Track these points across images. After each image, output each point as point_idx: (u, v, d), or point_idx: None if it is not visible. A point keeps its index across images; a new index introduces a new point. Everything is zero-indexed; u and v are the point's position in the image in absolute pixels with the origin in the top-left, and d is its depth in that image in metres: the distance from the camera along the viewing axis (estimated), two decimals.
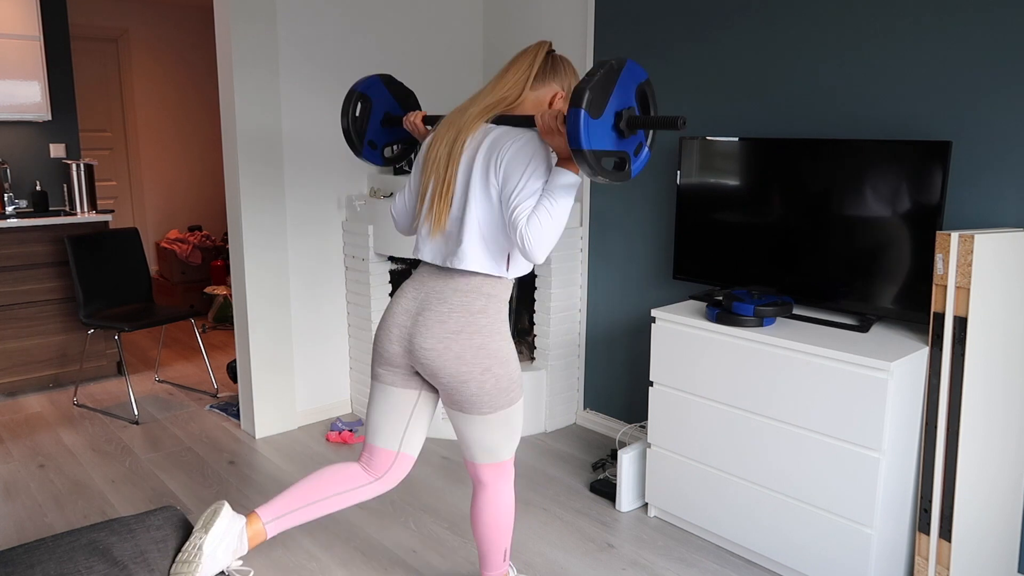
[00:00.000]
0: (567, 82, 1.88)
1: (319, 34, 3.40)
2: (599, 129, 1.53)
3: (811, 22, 2.61)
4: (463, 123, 1.82)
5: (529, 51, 1.86)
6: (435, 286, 1.85)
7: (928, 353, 2.14)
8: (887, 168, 2.27)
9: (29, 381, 4.06)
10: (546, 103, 1.86)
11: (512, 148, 1.73)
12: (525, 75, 1.83)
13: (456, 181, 1.81)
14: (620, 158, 1.59)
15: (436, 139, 1.85)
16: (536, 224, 1.64)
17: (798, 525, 2.30)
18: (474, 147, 1.80)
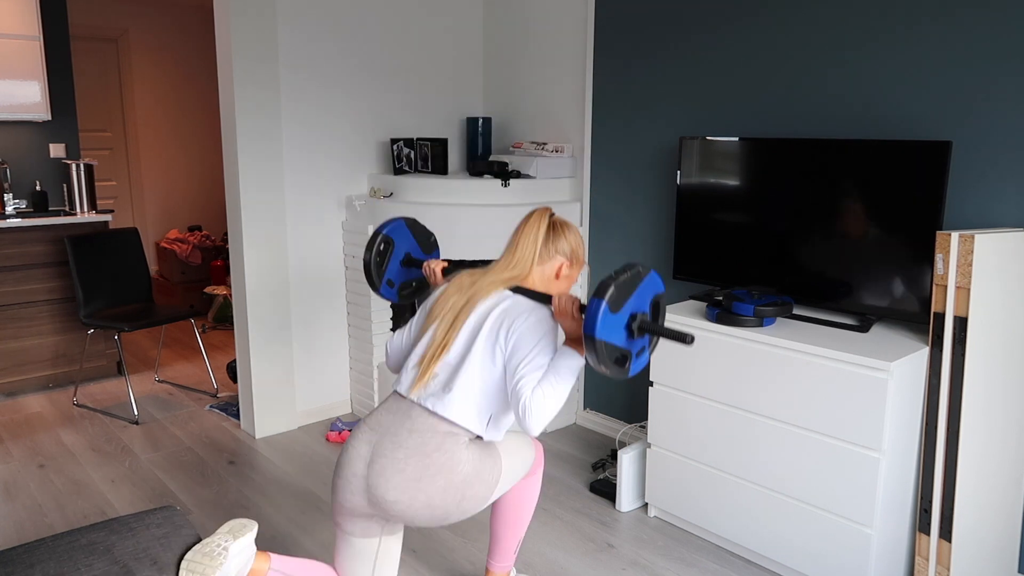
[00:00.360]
0: (570, 247, 1.94)
1: (319, 34, 3.40)
2: (613, 323, 1.62)
3: (811, 22, 2.61)
4: (480, 286, 1.87)
5: (531, 223, 1.91)
6: (391, 425, 1.80)
7: (928, 353, 2.14)
8: (887, 168, 2.27)
9: (29, 381, 4.06)
10: (553, 276, 1.93)
11: (527, 321, 1.77)
12: (531, 252, 1.90)
13: (461, 332, 1.84)
14: (623, 355, 1.67)
15: (449, 290, 1.90)
16: (540, 397, 1.69)
17: (798, 525, 2.30)
18: (486, 309, 1.84)
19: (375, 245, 2.15)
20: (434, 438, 1.77)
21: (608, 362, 1.63)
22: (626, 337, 1.66)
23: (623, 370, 1.68)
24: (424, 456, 1.75)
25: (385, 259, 2.17)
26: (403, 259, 2.22)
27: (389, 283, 2.20)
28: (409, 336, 2.01)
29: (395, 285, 2.23)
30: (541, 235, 1.90)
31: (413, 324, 2.01)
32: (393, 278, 2.21)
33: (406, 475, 1.74)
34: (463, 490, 1.77)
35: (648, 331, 1.68)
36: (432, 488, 1.74)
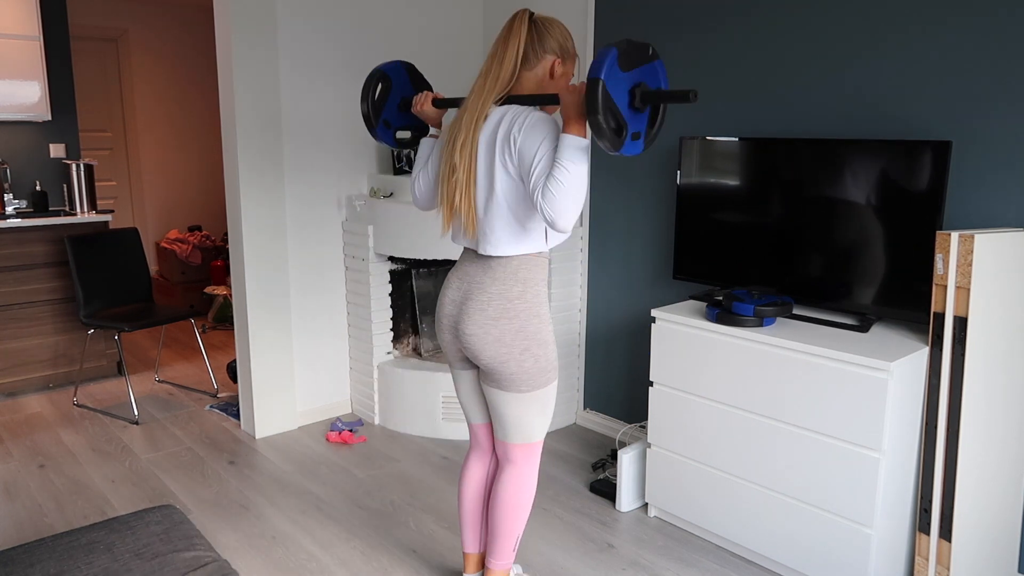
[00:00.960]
0: (558, 43, 1.89)
1: (319, 34, 3.40)
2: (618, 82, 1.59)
3: (812, 23, 2.61)
4: (473, 121, 1.86)
5: (513, 28, 1.86)
6: (475, 276, 1.94)
7: (928, 353, 2.14)
8: (887, 168, 2.27)
9: (29, 381, 4.06)
10: (546, 76, 1.89)
11: (525, 126, 1.78)
12: (514, 56, 1.85)
13: (479, 176, 1.87)
14: (619, 124, 1.63)
15: (453, 142, 1.89)
16: (550, 195, 1.68)
17: (798, 525, 2.30)
18: (490, 135, 1.85)
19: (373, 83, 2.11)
20: (515, 285, 1.89)
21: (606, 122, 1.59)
22: (627, 103, 1.63)
23: (619, 140, 1.64)
24: (506, 300, 1.88)
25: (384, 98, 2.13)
26: (400, 103, 2.17)
27: (386, 123, 2.16)
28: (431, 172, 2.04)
29: (391, 127, 2.18)
30: (523, 38, 1.85)
31: (431, 162, 2.03)
32: (390, 119, 2.17)
33: (487, 314, 1.89)
34: (530, 341, 1.89)
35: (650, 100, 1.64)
36: (507, 327, 1.88)
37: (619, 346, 3.43)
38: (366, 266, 3.51)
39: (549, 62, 1.88)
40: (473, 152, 1.86)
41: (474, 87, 1.89)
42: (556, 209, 1.68)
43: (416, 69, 2.20)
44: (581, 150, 1.68)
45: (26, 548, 1.64)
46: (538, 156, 1.74)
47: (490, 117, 1.87)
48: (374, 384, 3.60)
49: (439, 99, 2.07)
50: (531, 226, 1.86)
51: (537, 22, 1.87)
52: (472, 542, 2.22)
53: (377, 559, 2.48)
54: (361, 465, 3.19)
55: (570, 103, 1.72)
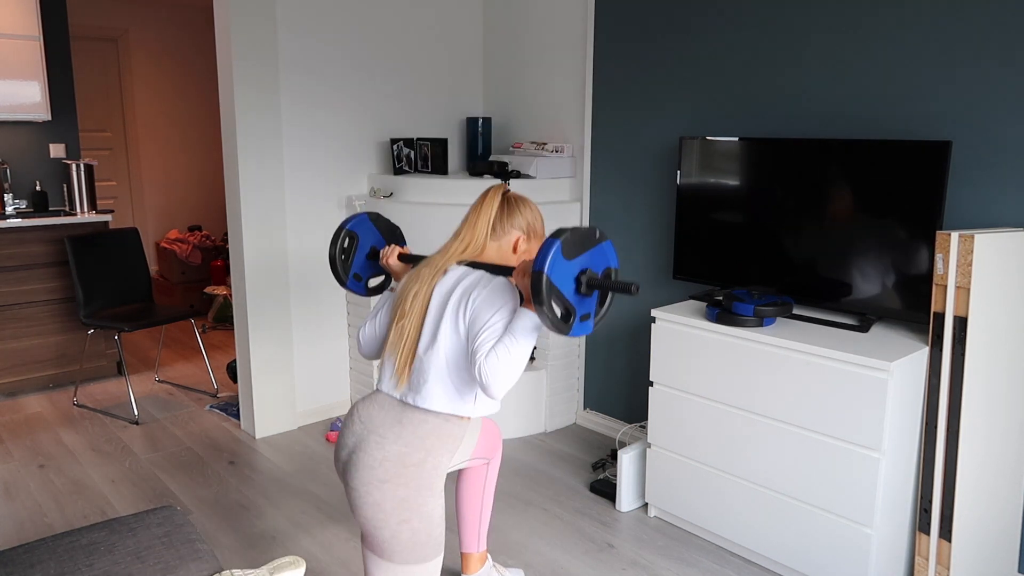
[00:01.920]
0: (526, 222, 1.93)
1: (319, 34, 3.40)
2: (563, 271, 1.63)
3: (812, 23, 2.61)
4: (438, 268, 1.87)
5: (487, 199, 1.90)
6: (382, 421, 1.82)
7: (928, 353, 2.14)
8: (887, 168, 2.27)
9: (29, 381, 4.06)
10: (509, 250, 1.92)
11: (485, 290, 1.77)
12: (485, 228, 1.89)
13: (427, 322, 1.84)
14: (567, 310, 1.67)
15: (407, 290, 1.88)
16: (494, 359, 1.67)
17: (798, 525, 2.30)
18: (447, 289, 1.84)
19: (339, 241, 2.15)
20: (418, 451, 1.77)
21: (552, 311, 1.62)
22: (574, 290, 1.67)
23: (566, 326, 1.67)
24: (402, 466, 1.76)
25: (350, 254, 2.18)
26: (368, 253, 2.22)
27: (356, 277, 2.21)
28: (379, 326, 2.00)
29: (362, 279, 2.23)
30: (494, 210, 1.89)
31: (381, 314, 2.01)
32: (360, 272, 2.22)
33: (375, 473, 1.76)
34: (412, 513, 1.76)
35: (596, 287, 1.68)
36: (391, 494, 1.75)
37: (619, 346, 3.44)
38: None
39: (514, 237, 1.91)
40: (425, 303, 1.84)
41: (443, 247, 1.92)
42: (495, 374, 1.66)
43: (382, 217, 2.24)
44: (532, 330, 1.70)
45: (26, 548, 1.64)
46: (491, 322, 1.72)
47: (449, 274, 1.86)
48: (374, 384, 3.60)
49: (405, 255, 2.11)
50: (462, 388, 1.81)
51: (510, 198, 1.92)
52: (470, 542, 2.23)
53: None
54: None
55: (522, 286, 1.74)
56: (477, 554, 2.25)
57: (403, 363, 1.83)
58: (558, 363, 3.52)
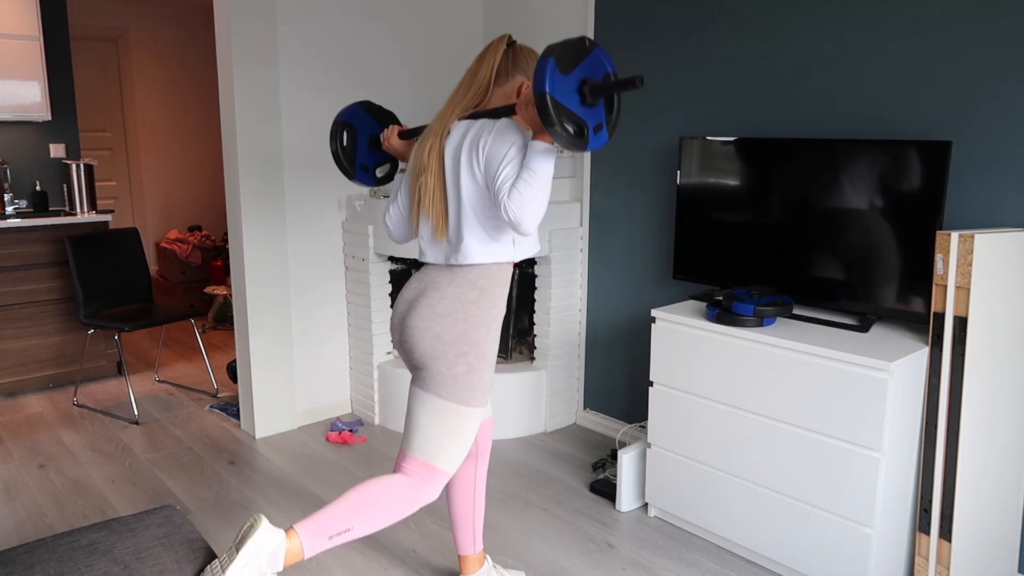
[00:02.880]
0: (530, 69, 1.91)
1: (319, 33, 3.40)
2: (564, 86, 1.61)
3: (812, 22, 2.61)
4: (442, 128, 1.89)
5: (491, 48, 1.90)
6: (435, 278, 1.91)
7: (928, 353, 2.14)
8: (887, 168, 2.27)
9: (29, 381, 4.06)
10: (513, 95, 1.91)
11: (492, 134, 1.79)
12: (488, 72, 1.89)
13: (447, 183, 1.87)
14: (579, 125, 1.65)
15: (420, 148, 1.91)
16: (517, 195, 1.69)
17: (798, 525, 2.30)
18: (456, 144, 1.86)
19: (337, 135, 2.12)
20: (472, 290, 1.86)
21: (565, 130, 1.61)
22: (579, 102, 1.65)
23: (582, 141, 1.66)
24: (459, 302, 1.85)
25: (352, 146, 2.14)
26: (369, 142, 2.18)
27: (363, 167, 2.17)
28: (402, 203, 2.02)
29: (369, 168, 2.20)
30: (499, 57, 1.89)
31: (400, 194, 2.02)
32: (365, 162, 2.18)
33: (435, 309, 1.86)
34: (470, 348, 1.84)
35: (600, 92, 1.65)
36: (451, 327, 1.84)
37: (619, 346, 3.44)
38: (366, 266, 3.51)
39: (518, 82, 1.91)
40: (440, 156, 1.86)
41: (447, 101, 1.93)
42: (521, 209, 1.69)
43: (375, 104, 2.21)
44: (546, 153, 1.71)
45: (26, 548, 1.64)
46: (505, 160, 1.74)
47: (455, 130, 1.88)
48: (374, 384, 3.60)
49: (405, 131, 2.09)
50: (497, 234, 1.85)
51: (515, 46, 1.92)
52: (466, 544, 2.23)
53: (377, 559, 2.48)
54: (361, 465, 3.19)
55: (528, 118, 1.74)
56: (474, 555, 2.25)
57: (438, 219, 1.87)
58: (558, 363, 3.52)
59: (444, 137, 1.88)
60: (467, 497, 2.19)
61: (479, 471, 2.20)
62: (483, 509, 2.24)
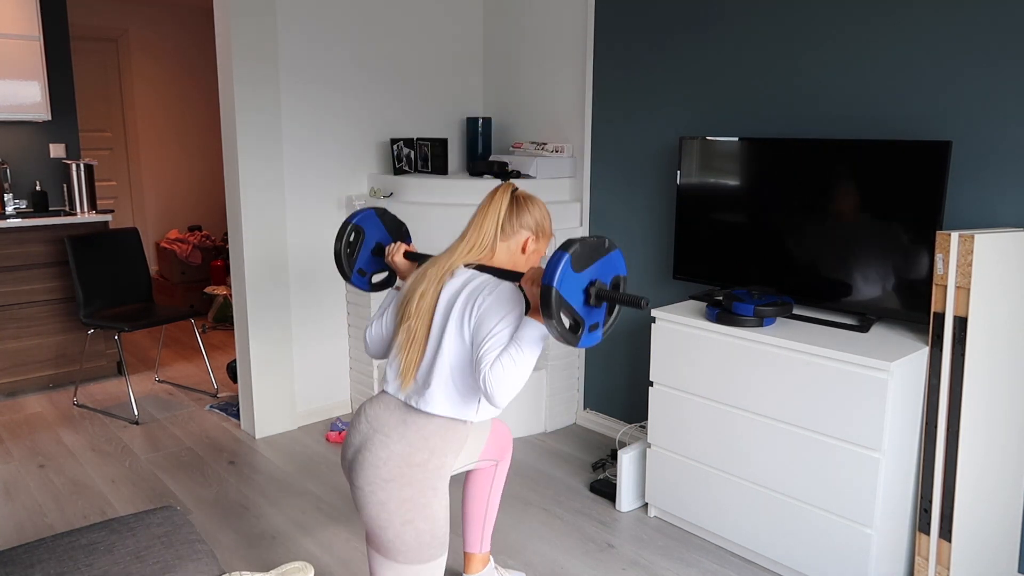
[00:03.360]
0: (535, 221, 1.91)
1: (319, 33, 3.40)
2: (572, 283, 1.63)
3: (811, 22, 2.61)
4: (445, 269, 1.85)
5: (495, 199, 1.88)
6: (385, 423, 1.82)
7: (928, 353, 2.14)
8: (887, 168, 2.27)
9: (29, 381, 4.05)
10: (519, 250, 1.90)
11: (491, 296, 1.76)
12: (493, 226, 1.87)
13: (433, 326, 1.82)
14: (576, 321, 1.66)
15: (414, 290, 1.86)
16: (499, 369, 1.66)
17: (798, 525, 2.30)
18: (452, 292, 1.82)
19: (345, 235, 2.14)
20: (422, 451, 1.76)
21: (560, 323, 1.61)
22: (583, 302, 1.66)
23: (575, 337, 1.67)
24: (406, 466, 1.76)
25: (355, 249, 2.16)
26: (374, 248, 2.20)
27: (360, 272, 2.19)
28: (386, 325, 1.99)
29: (366, 274, 2.21)
30: (503, 210, 1.87)
31: (388, 313, 1.99)
32: (364, 267, 2.20)
33: (379, 472, 1.76)
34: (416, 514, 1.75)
35: (605, 299, 1.68)
36: (395, 494, 1.74)
37: (619, 346, 3.43)
38: None
39: (523, 237, 1.89)
40: (432, 304, 1.82)
41: (449, 247, 1.90)
42: (500, 384, 1.66)
43: (389, 213, 2.23)
44: (538, 340, 1.69)
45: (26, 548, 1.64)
46: (496, 330, 1.71)
47: (457, 277, 1.84)
48: (374, 384, 3.60)
49: (411, 252, 2.09)
50: (467, 394, 1.80)
51: (518, 197, 1.90)
52: (474, 541, 2.23)
53: None
54: None
55: (530, 295, 1.73)
56: (480, 555, 2.25)
57: (408, 365, 1.82)
58: (558, 363, 3.52)
59: (440, 283, 1.83)
60: (482, 495, 2.19)
61: (499, 471, 2.20)
62: (496, 510, 2.23)
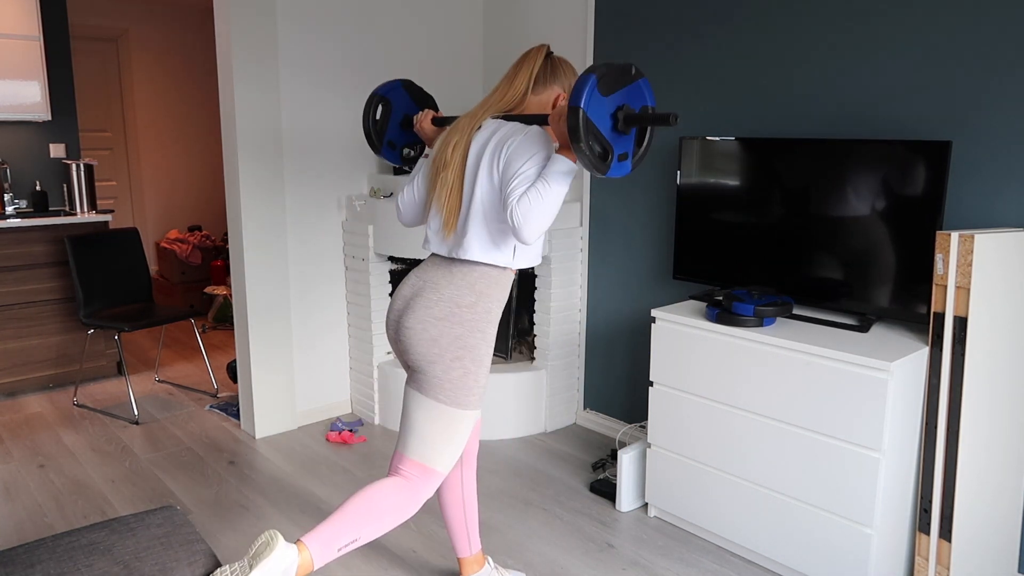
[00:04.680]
0: (567, 82, 1.94)
1: (319, 34, 3.40)
2: (599, 107, 1.61)
3: (811, 22, 2.61)
4: (471, 126, 1.89)
5: (530, 55, 1.92)
6: (434, 276, 1.92)
7: (928, 353, 2.14)
8: (887, 168, 2.27)
9: (29, 381, 4.06)
10: (549, 105, 1.93)
11: (518, 139, 1.80)
12: (526, 80, 1.90)
13: (465, 178, 1.89)
14: (604, 148, 1.65)
15: (447, 141, 1.91)
16: (526, 203, 1.69)
17: (798, 525, 2.30)
18: (482, 142, 1.88)
19: (372, 107, 2.12)
20: (470, 294, 1.87)
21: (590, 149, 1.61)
22: (611, 127, 1.65)
23: (605, 165, 1.67)
24: (455, 306, 1.86)
25: (384, 121, 2.14)
26: (402, 120, 2.18)
27: (390, 144, 2.17)
28: (417, 190, 2.03)
29: (396, 147, 2.20)
30: (538, 65, 1.90)
31: (419, 177, 2.03)
32: (394, 139, 2.19)
33: (431, 312, 1.87)
34: (465, 352, 1.85)
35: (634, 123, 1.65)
36: (447, 331, 1.85)
37: (619, 346, 3.44)
38: (366, 266, 3.51)
39: (554, 93, 1.93)
40: (464, 153, 1.88)
41: (481, 101, 1.94)
42: (526, 216, 1.69)
43: (415, 85, 2.21)
44: (565, 173, 1.71)
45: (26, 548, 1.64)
46: (524, 168, 1.74)
47: (486, 127, 1.90)
48: (374, 384, 3.60)
49: (438, 118, 2.09)
50: (500, 239, 1.86)
51: (553, 57, 1.94)
52: (462, 546, 2.23)
53: (377, 559, 2.48)
54: (361, 465, 3.19)
55: (558, 132, 1.74)
56: (471, 557, 2.24)
57: (449, 214, 1.88)
58: (558, 363, 3.52)
59: (471, 133, 1.89)
60: (456, 500, 2.18)
61: (465, 473, 2.19)
62: (475, 510, 2.23)
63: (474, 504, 2.22)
